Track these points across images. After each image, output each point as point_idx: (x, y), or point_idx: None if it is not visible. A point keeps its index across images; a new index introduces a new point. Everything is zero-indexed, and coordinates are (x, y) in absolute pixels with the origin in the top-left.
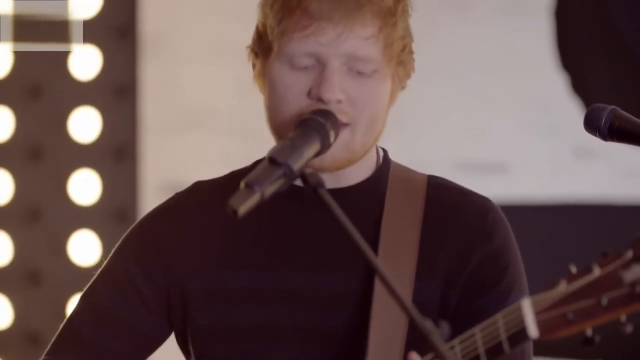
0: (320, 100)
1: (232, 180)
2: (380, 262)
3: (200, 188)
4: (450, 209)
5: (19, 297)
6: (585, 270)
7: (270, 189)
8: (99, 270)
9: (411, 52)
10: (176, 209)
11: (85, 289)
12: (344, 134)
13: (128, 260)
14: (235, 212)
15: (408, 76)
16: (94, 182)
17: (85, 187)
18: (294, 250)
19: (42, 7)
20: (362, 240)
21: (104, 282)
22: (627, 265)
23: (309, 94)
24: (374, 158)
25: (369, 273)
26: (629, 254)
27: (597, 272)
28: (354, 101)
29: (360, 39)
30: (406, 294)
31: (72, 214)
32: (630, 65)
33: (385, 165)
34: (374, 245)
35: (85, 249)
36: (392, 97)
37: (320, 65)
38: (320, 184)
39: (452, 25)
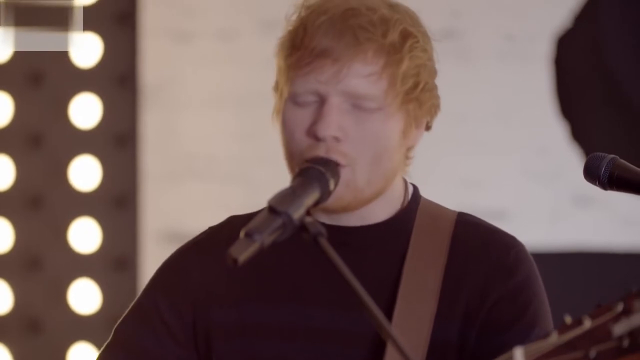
0: (316, 137)
1: None
2: (400, 301)
3: (233, 222)
4: (475, 247)
5: (19, 346)
6: (577, 322)
7: (270, 238)
8: (132, 303)
9: (430, 90)
10: (206, 244)
11: (118, 322)
12: (345, 173)
13: (157, 294)
14: (235, 261)
15: (429, 115)
16: (94, 230)
17: (85, 235)
18: (319, 286)
19: (41, 54)
20: (360, 286)
21: (134, 315)
22: (617, 318)
23: (308, 131)
24: (401, 194)
25: (388, 313)
26: (620, 307)
27: (587, 324)
28: (354, 140)
29: (360, 77)
30: (424, 333)
31: (72, 262)
32: (629, 114)
33: (413, 202)
34: (396, 284)
35: (85, 297)
36: (407, 135)
37: (322, 102)
38: (321, 233)
39: (452, 73)
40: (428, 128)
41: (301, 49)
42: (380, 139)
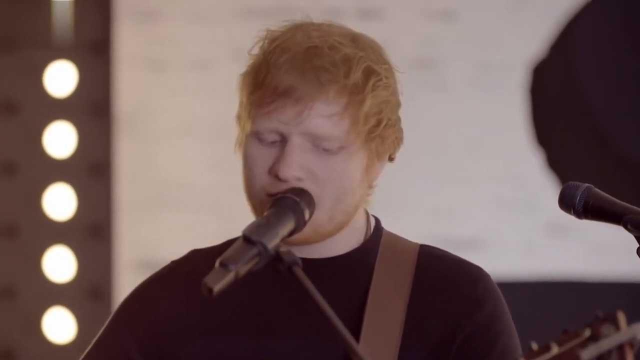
0: (277, 178)
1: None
2: (364, 333)
3: (195, 256)
4: (440, 279)
5: None
6: (544, 348)
7: (245, 268)
8: (95, 338)
9: (393, 125)
10: (169, 277)
11: (81, 357)
12: None
13: (120, 329)
14: (210, 290)
15: (392, 149)
16: (69, 259)
17: (60, 264)
18: (287, 318)
19: (17, 82)
20: (337, 318)
21: (98, 351)
22: (584, 344)
23: (269, 170)
24: (363, 227)
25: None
26: (587, 332)
27: (554, 350)
28: (317, 178)
29: (322, 117)
30: None
31: (47, 291)
32: (604, 142)
33: (376, 234)
34: (360, 316)
35: (60, 326)
36: (370, 171)
37: (284, 141)
38: (296, 262)
39: (427, 102)
40: (391, 159)
41: (263, 87)
42: (343, 179)
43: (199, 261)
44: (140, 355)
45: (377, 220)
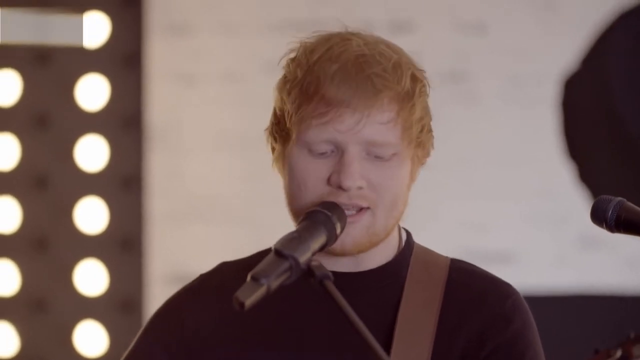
0: (340, 188)
1: (258, 260)
2: (395, 348)
3: (224, 269)
4: (470, 294)
5: None
6: None
7: (276, 282)
8: (125, 353)
9: (430, 131)
10: (199, 290)
11: None
12: (365, 217)
13: (151, 343)
14: (242, 305)
15: (427, 155)
16: (100, 272)
17: (91, 277)
18: (316, 331)
19: (48, 96)
20: (367, 332)
21: None
22: None
23: (328, 180)
24: (396, 240)
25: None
26: (618, 353)
27: None
28: (374, 186)
29: (377, 125)
30: None
31: (78, 304)
32: (636, 156)
33: (407, 248)
34: (391, 330)
35: (91, 340)
36: (412, 177)
37: (339, 151)
38: (327, 276)
39: (458, 115)
40: (423, 164)
41: (315, 98)
42: (397, 185)
43: (227, 274)
44: None
45: (408, 234)
